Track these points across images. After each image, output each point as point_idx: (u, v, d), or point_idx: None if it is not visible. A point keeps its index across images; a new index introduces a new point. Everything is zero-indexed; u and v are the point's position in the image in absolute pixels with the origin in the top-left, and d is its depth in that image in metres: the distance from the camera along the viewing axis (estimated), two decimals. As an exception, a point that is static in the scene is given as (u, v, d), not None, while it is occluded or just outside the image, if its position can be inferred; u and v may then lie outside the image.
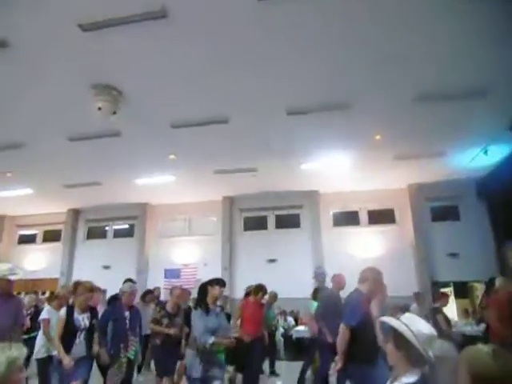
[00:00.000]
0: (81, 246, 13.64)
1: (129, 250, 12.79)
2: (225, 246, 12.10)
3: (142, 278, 11.62)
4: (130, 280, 5.11)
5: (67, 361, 3.74)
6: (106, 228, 13.78)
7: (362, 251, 11.17)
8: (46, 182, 10.63)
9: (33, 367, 4.70)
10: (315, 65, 5.54)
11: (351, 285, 5.67)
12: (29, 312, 5.85)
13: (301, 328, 8.56)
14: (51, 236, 14.17)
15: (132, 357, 4.35)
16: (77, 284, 4.25)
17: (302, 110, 6.72)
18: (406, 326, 1.66)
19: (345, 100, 6.47)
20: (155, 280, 11.31)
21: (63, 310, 4.03)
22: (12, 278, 3.76)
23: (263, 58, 5.38)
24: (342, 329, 3.19)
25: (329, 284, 7.15)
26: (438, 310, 5.38)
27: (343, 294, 5.35)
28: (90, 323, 4.06)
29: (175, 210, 12.98)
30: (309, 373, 5.92)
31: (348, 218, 11.90)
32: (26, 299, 6.22)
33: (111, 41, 4.89)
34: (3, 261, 13.88)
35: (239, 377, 5.77)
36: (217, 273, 11.53)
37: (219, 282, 3.92)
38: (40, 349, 4.55)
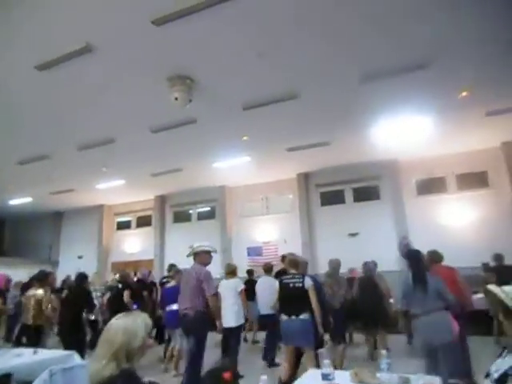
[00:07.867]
0: (169, 230, 14.79)
1: (212, 230, 13.50)
2: (303, 223, 12.16)
3: (226, 257, 12.26)
4: None
5: None
6: (190, 211, 14.71)
7: (452, 220, 10.41)
8: (135, 172, 11.63)
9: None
10: (393, 24, 5.13)
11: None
12: None
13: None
14: (143, 221, 15.56)
15: None
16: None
17: (376, 76, 6.34)
18: None
19: (425, 58, 5.94)
20: (239, 258, 11.85)
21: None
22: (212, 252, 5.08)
23: (334, 25, 5.15)
24: None
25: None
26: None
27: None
28: None
29: (252, 190, 13.33)
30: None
31: (434, 186, 11.08)
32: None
33: (181, 32, 5.05)
34: (106, 246, 15.65)
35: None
36: (297, 249, 11.68)
37: None
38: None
